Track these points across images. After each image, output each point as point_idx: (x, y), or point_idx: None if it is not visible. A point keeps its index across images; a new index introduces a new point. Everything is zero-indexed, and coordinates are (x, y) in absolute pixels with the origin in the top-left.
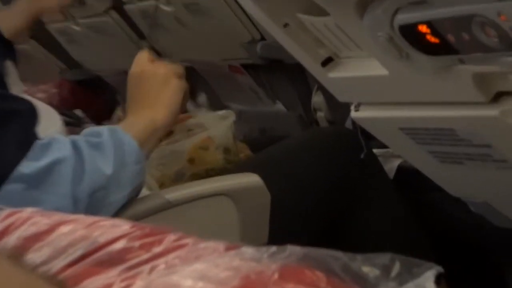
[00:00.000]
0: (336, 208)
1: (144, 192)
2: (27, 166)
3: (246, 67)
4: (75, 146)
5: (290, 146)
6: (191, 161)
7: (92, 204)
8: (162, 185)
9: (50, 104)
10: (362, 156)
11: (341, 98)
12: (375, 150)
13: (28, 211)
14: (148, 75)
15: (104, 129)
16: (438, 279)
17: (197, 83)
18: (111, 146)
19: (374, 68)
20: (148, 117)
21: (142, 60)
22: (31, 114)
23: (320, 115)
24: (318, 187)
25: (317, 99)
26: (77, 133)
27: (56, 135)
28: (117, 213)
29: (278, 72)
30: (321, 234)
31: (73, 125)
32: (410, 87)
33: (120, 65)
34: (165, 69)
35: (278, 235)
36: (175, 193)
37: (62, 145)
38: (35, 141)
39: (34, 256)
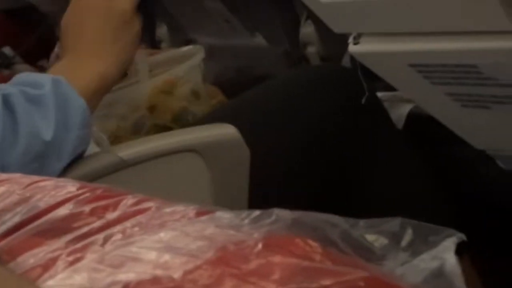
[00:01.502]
0: (333, 166)
1: (92, 149)
2: None
3: None
4: (5, 101)
5: (273, 89)
6: (151, 108)
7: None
8: (116, 140)
9: None
10: (363, 100)
11: (337, 28)
12: (379, 94)
13: None
14: (93, 5)
15: (46, 78)
16: (460, 249)
17: (155, 11)
18: (53, 103)
19: None
20: (94, 69)
21: None
22: None
23: (311, 50)
24: (309, 140)
25: (307, 30)
26: (7, 78)
27: None
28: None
29: None
30: (314, 199)
31: (0, 66)
32: (422, 13)
33: None
34: (128, 9)
35: (260, 200)
36: (130, 150)
37: None
38: None
39: None
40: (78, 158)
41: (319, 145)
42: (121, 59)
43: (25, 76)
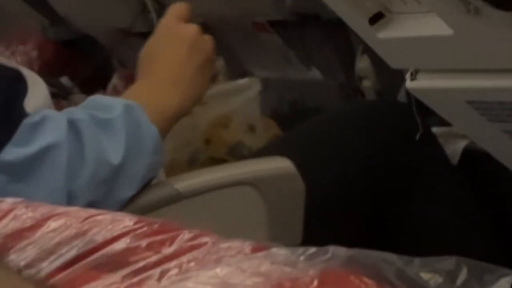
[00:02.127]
0: (386, 201)
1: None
2: (10, 153)
3: (274, 24)
4: (73, 127)
5: (328, 122)
6: (207, 141)
7: (90, 202)
8: (172, 172)
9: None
10: (418, 136)
11: (393, 63)
12: (434, 129)
13: (9, 202)
14: (175, 36)
15: (118, 102)
16: None
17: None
18: (123, 127)
19: (435, 27)
20: (172, 97)
21: (172, 15)
22: (17, 84)
23: (366, 84)
24: (363, 175)
25: (363, 64)
26: (63, 107)
27: (48, 111)
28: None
29: (314, 30)
30: (366, 232)
31: (58, 96)
32: (480, 50)
33: (115, 22)
34: (199, 33)
35: (314, 233)
36: (187, 182)
37: (57, 125)
38: (23, 120)
39: (17, 257)
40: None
41: (373, 179)
42: (198, 93)
43: (97, 99)
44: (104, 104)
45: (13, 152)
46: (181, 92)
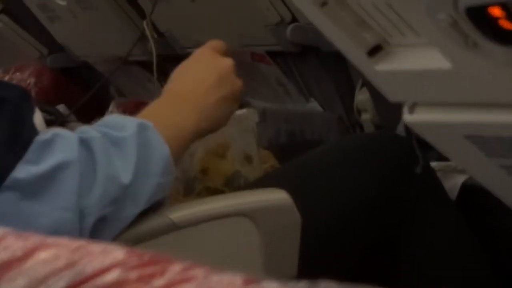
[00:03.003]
0: (383, 234)
1: None
2: (23, 170)
3: (273, 55)
4: (85, 145)
5: (326, 155)
6: (203, 171)
7: (98, 220)
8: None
9: None
10: (417, 170)
11: (392, 96)
12: (433, 163)
13: None
14: (210, 63)
15: (132, 121)
16: None
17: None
18: (135, 146)
19: (433, 60)
20: (190, 119)
21: (210, 46)
22: (26, 102)
23: (365, 117)
24: (361, 207)
25: (362, 97)
26: None
27: (59, 129)
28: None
29: (313, 62)
30: (362, 266)
31: (54, 124)
32: (478, 84)
33: (113, 50)
34: (232, 68)
35: (309, 266)
36: (181, 212)
37: (68, 143)
38: (35, 137)
39: (6, 287)
40: (156, 206)
41: (371, 211)
42: (218, 120)
43: (112, 117)
44: (118, 123)
45: (26, 169)
46: (200, 117)
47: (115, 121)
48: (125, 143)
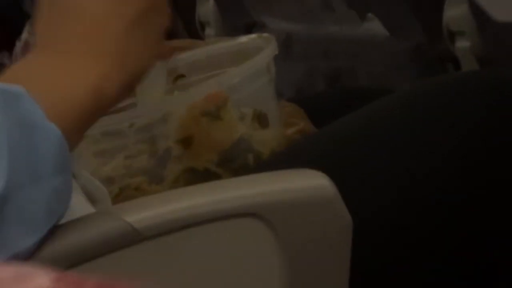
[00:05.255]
0: (482, 239)
1: (80, 207)
2: None
3: None
4: None
5: (392, 115)
6: (185, 142)
7: None
8: (124, 193)
9: None
10: None
11: (502, 12)
12: None
13: None
14: None
15: None
16: None
17: None
18: (2, 130)
19: None
20: (86, 76)
21: None
22: None
23: (461, 44)
24: (444, 206)
25: (456, 10)
26: None
27: None
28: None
29: None
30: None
31: None
32: None
33: None
34: None
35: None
36: (145, 213)
37: None
38: None
39: None
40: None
41: (459, 208)
42: (131, 64)
43: None
44: None
45: None
46: (103, 66)
47: None
48: None
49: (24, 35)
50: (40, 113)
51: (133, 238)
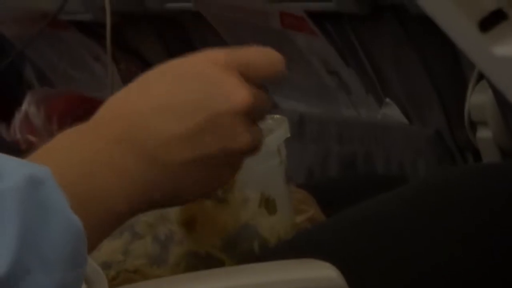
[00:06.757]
0: None
1: None
2: None
3: (318, 18)
4: None
5: (410, 204)
6: (188, 225)
7: None
8: (124, 277)
9: None
10: None
11: None
12: None
13: None
14: (200, 86)
15: (16, 166)
16: None
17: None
18: (17, 209)
19: None
20: (130, 179)
21: (217, 56)
22: None
23: (484, 134)
24: None
25: (479, 99)
26: None
27: None
28: None
29: (392, 32)
30: None
31: None
32: None
33: (35, 3)
34: (242, 104)
35: None
36: None
37: None
38: None
39: None
40: None
41: None
42: (189, 186)
43: None
44: None
45: None
46: (152, 179)
47: None
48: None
49: (25, 106)
50: (63, 201)
51: None
